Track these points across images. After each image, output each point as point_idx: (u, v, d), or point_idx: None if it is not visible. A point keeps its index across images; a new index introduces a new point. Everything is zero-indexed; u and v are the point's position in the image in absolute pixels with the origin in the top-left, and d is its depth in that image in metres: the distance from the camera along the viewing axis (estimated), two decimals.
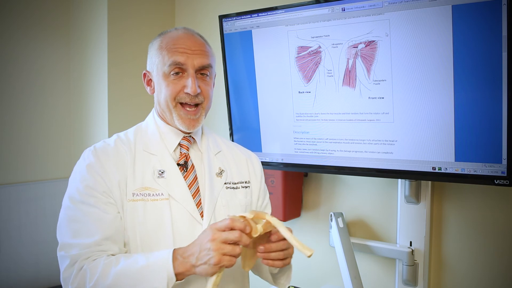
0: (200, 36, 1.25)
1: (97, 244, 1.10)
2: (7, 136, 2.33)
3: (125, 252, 1.15)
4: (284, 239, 1.07)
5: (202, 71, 1.21)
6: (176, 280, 1.04)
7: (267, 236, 1.08)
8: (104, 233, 1.10)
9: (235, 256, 1.02)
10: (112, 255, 1.11)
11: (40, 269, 2.39)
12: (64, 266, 1.10)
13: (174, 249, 1.07)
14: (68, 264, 1.09)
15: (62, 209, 1.15)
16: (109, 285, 1.04)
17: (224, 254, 1.00)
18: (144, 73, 1.27)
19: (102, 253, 1.10)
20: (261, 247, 1.08)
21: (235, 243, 1.01)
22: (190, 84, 1.17)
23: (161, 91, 1.21)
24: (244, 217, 1.04)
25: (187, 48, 1.19)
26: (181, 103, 1.20)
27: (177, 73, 1.18)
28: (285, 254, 1.09)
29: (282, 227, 1.04)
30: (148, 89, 1.28)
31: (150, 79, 1.26)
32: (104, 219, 1.12)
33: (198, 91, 1.18)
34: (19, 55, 2.35)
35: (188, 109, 1.21)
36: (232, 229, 1.01)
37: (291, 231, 1.06)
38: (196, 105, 1.21)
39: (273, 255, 1.08)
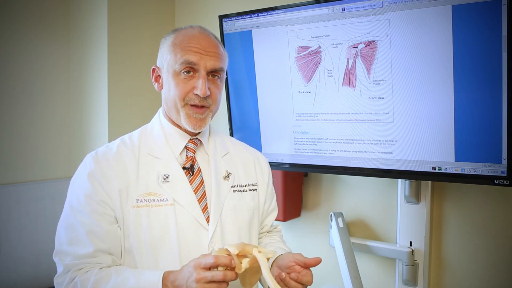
0: (215, 37, 1.22)
1: (90, 256, 1.10)
2: (7, 136, 2.33)
3: (120, 264, 1.15)
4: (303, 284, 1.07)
5: (214, 74, 1.19)
6: None
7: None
8: (96, 246, 1.11)
9: None
10: (107, 266, 1.11)
11: (40, 269, 2.39)
12: (57, 272, 1.13)
13: (164, 273, 1.05)
14: (61, 272, 1.11)
15: (62, 215, 1.16)
16: None
17: None
18: (153, 68, 1.24)
19: (95, 265, 1.10)
20: (282, 274, 1.08)
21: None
22: (200, 86, 1.14)
23: (170, 90, 1.18)
24: (229, 252, 1.00)
25: (201, 48, 1.16)
26: (190, 104, 1.18)
27: (188, 72, 1.15)
28: None
29: (265, 269, 0.99)
30: (156, 85, 1.25)
31: (159, 75, 1.23)
32: (96, 232, 1.11)
33: (208, 93, 1.16)
34: (19, 55, 2.35)
35: (195, 108, 1.18)
36: (216, 266, 0.98)
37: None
38: (203, 106, 1.18)
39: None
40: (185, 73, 1.16)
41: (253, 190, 1.30)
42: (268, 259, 1.02)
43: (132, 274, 1.07)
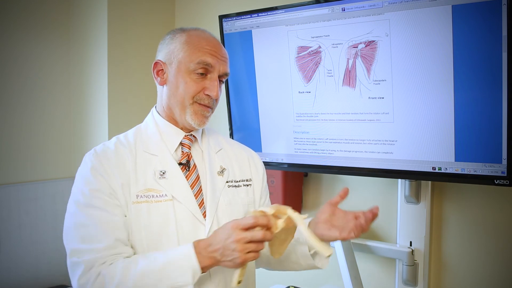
0: None
1: (110, 248, 1.08)
2: (7, 136, 2.33)
3: (134, 254, 1.14)
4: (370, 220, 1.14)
5: (222, 78, 1.24)
6: (201, 273, 1.06)
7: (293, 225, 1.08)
8: (115, 236, 1.09)
9: (259, 251, 1.04)
10: (127, 257, 1.10)
11: (40, 269, 2.39)
12: (79, 272, 1.07)
13: (194, 242, 1.07)
14: (83, 270, 1.06)
15: (67, 215, 1.14)
16: (132, 287, 1.04)
17: (249, 252, 1.02)
18: (156, 62, 1.24)
19: (117, 257, 1.09)
20: (360, 215, 1.17)
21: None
22: (214, 88, 1.19)
23: (179, 86, 1.19)
24: (264, 213, 1.04)
25: (217, 53, 1.21)
26: (198, 103, 1.20)
27: (201, 73, 1.19)
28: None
29: (302, 225, 1.04)
30: (158, 79, 1.25)
31: (162, 70, 1.23)
32: (114, 221, 1.10)
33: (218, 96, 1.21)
34: (19, 55, 2.35)
35: (203, 106, 1.21)
36: (255, 226, 1.02)
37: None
38: (208, 106, 1.22)
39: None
40: (198, 73, 1.19)
41: (248, 185, 1.32)
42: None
43: (159, 253, 1.08)
